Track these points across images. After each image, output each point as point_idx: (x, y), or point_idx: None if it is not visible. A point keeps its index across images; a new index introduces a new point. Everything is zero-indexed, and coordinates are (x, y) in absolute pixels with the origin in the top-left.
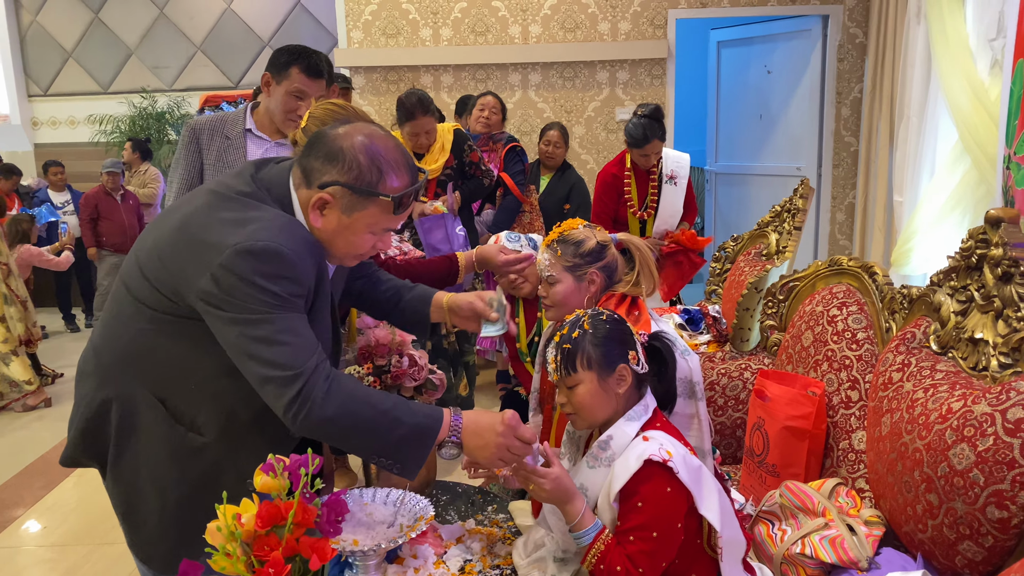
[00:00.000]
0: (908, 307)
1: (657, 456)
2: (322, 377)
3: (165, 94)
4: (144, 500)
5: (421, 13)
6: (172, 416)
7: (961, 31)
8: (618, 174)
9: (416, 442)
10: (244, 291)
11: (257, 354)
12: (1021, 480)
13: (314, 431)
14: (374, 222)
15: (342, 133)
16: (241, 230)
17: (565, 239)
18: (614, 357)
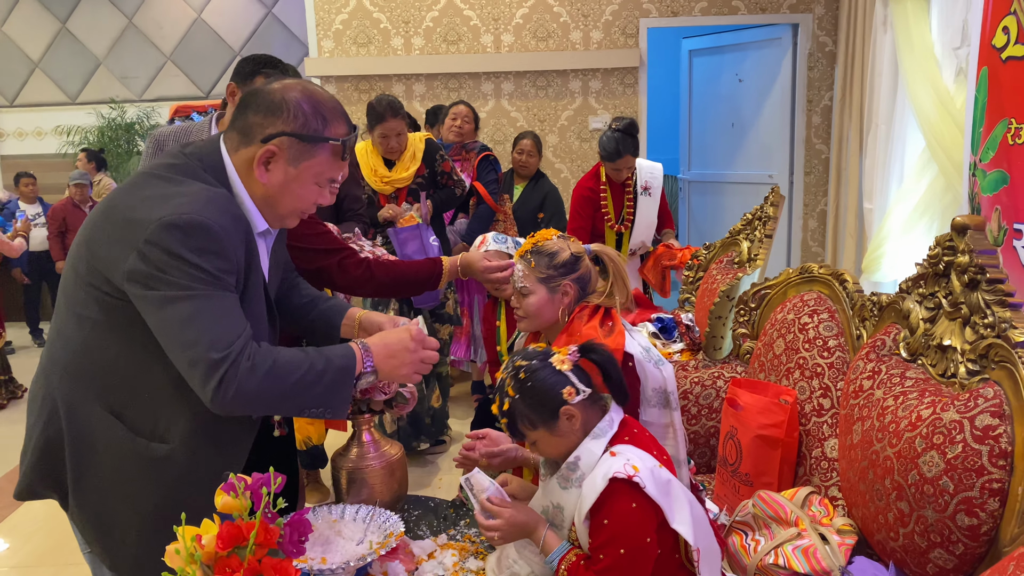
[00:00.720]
0: (878, 314)
1: (622, 473)
2: (245, 357)
3: (134, 104)
4: (118, 520)
5: (392, 22)
6: (131, 430)
7: (927, 39)
8: (594, 187)
9: (340, 385)
10: (171, 266)
11: (183, 337)
12: (990, 487)
13: (242, 410)
14: (321, 171)
15: (278, 87)
16: (166, 204)
17: (539, 250)
18: (551, 406)
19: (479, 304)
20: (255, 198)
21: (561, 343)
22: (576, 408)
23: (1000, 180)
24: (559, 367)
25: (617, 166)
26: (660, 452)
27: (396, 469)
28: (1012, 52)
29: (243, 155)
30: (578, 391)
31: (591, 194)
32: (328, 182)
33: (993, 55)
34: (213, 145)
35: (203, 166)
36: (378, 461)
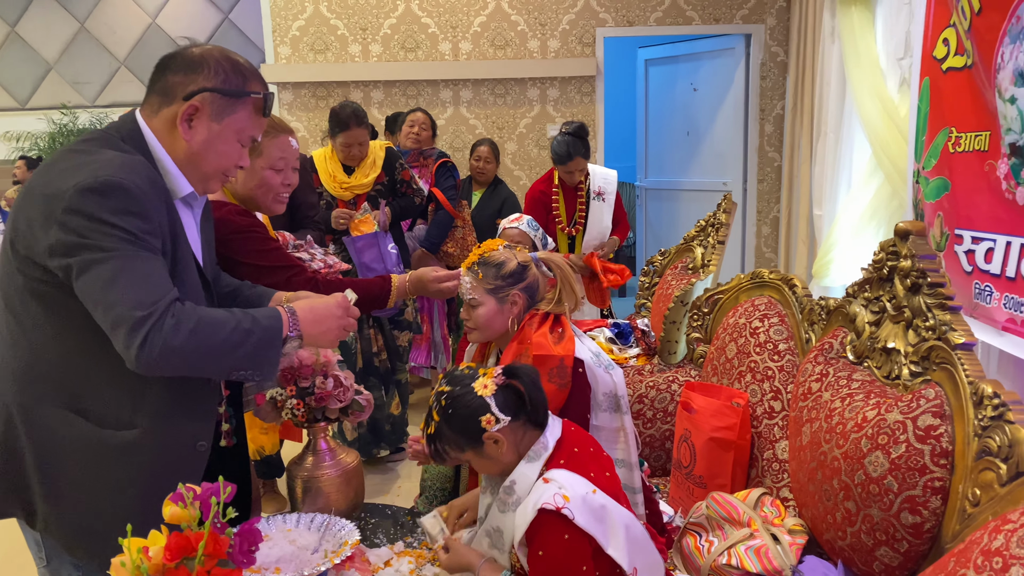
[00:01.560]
0: (826, 318)
1: (551, 504)
2: (169, 315)
3: (87, 110)
4: (103, 519)
5: (350, 29)
6: (96, 423)
7: (872, 50)
8: (546, 190)
9: (268, 346)
10: (92, 230)
11: (106, 298)
12: (932, 486)
13: (168, 369)
14: (243, 127)
15: (196, 49)
16: (80, 171)
17: (486, 261)
18: (474, 431)
19: (439, 310)
20: (178, 160)
21: (511, 351)
22: (500, 433)
23: (942, 187)
24: (480, 392)
25: (568, 168)
26: (601, 470)
27: (352, 477)
28: (952, 63)
29: (164, 116)
30: (497, 419)
31: (542, 197)
32: (250, 140)
33: (934, 66)
34: (128, 116)
35: (120, 136)
36: (334, 469)
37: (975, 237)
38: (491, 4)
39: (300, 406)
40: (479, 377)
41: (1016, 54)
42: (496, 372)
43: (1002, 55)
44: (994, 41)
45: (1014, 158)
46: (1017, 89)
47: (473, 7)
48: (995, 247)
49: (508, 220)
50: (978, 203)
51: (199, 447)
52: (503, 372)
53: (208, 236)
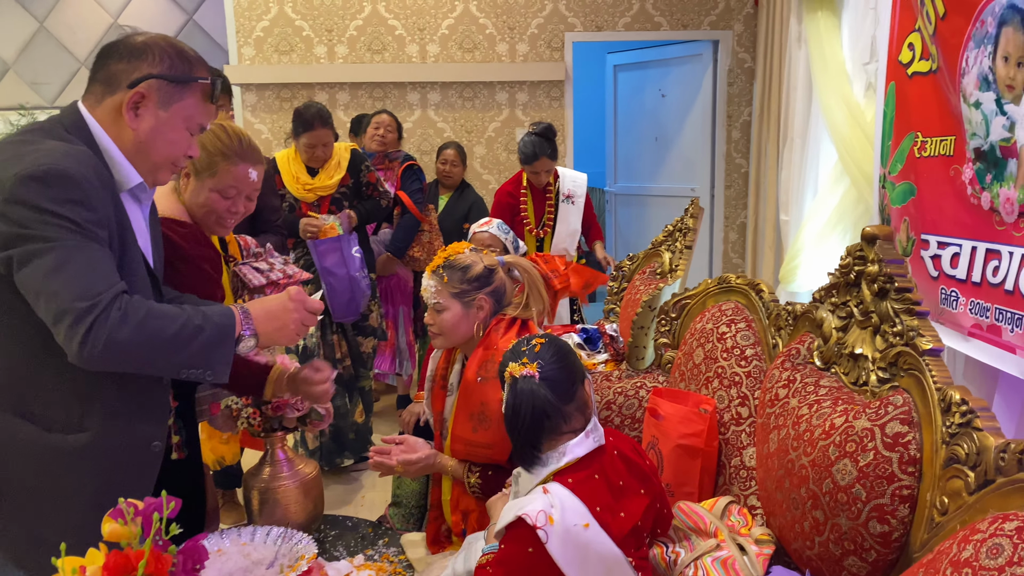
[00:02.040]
0: (793, 323)
1: (531, 518)
2: (115, 307)
3: (46, 111)
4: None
5: (315, 30)
6: (44, 428)
7: (838, 55)
8: (514, 192)
9: (220, 343)
10: (34, 220)
11: (48, 288)
12: (900, 494)
13: (113, 364)
14: (191, 114)
15: (139, 36)
16: (20, 161)
17: (451, 264)
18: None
19: (404, 316)
20: (125, 149)
21: (477, 357)
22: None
23: (908, 192)
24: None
25: (535, 168)
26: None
27: (311, 488)
28: (917, 68)
29: (108, 105)
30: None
31: (510, 199)
32: (198, 127)
33: (900, 71)
34: (71, 107)
35: (64, 127)
36: (292, 480)
37: (941, 242)
38: (459, 7)
39: (256, 415)
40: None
41: (980, 58)
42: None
43: (967, 59)
44: (959, 45)
45: (979, 163)
46: (981, 93)
47: (441, 9)
48: (961, 252)
49: (478, 224)
50: (944, 208)
51: (153, 448)
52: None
53: (156, 235)
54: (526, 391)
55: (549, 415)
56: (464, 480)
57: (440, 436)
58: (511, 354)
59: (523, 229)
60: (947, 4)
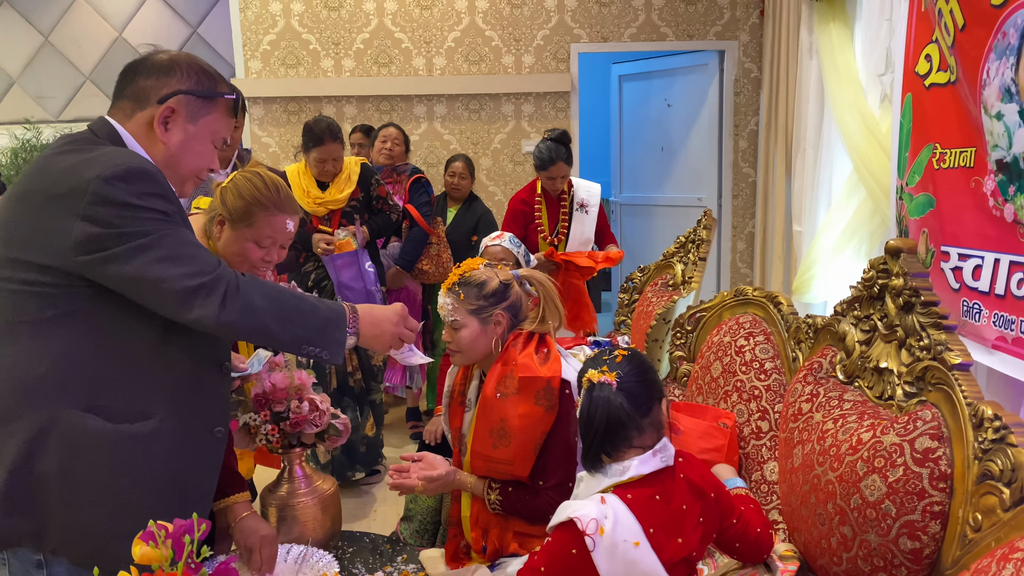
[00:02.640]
0: (814, 337)
1: (582, 523)
2: (239, 277)
3: (51, 125)
4: (125, 513)
5: (322, 43)
6: (109, 419)
7: (851, 66)
8: (528, 200)
9: (335, 324)
10: (127, 217)
11: (167, 273)
12: (931, 510)
13: (248, 324)
14: (216, 128)
15: (163, 54)
16: (92, 165)
17: (467, 281)
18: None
19: None
20: (157, 162)
21: (496, 373)
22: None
23: (927, 203)
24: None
25: (551, 174)
26: (672, 534)
27: (329, 505)
28: (935, 79)
29: (139, 120)
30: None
31: (524, 207)
32: (221, 141)
33: (916, 82)
34: (101, 121)
35: (100, 138)
36: (310, 497)
37: (962, 254)
38: (465, 19)
39: (275, 431)
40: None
41: (1002, 70)
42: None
43: (988, 71)
44: (979, 57)
45: (1001, 174)
46: (1004, 105)
47: (447, 22)
48: (983, 264)
49: (490, 238)
50: (964, 220)
51: (216, 433)
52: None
53: None
54: (601, 398)
55: (623, 424)
56: (484, 497)
57: (459, 452)
58: (591, 362)
59: (537, 236)
60: (967, 16)
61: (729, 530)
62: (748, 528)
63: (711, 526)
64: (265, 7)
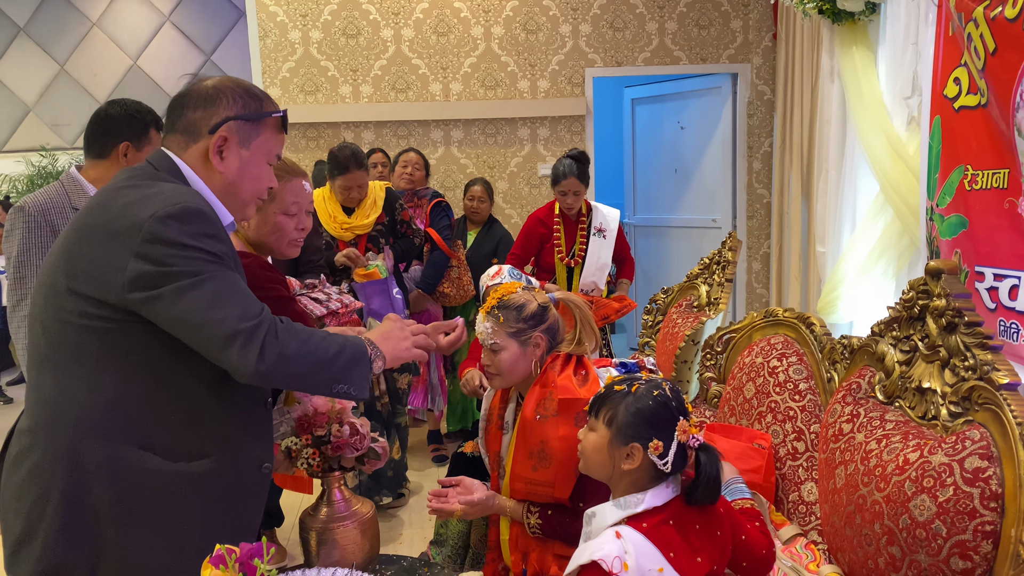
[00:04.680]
0: (849, 357)
1: (607, 564)
2: (278, 325)
3: (66, 152)
4: (174, 550)
5: (340, 70)
6: (165, 457)
7: (876, 90)
8: (545, 220)
9: (359, 362)
10: (178, 256)
11: (213, 316)
12: (983, 530)
13: (283, 373)
14: (269, 148)
15: (205, 82)
16: (150, 203)
17: (506, 304)
18: (634, 433)
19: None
20: (216, 191)
21: (535, 395)
22: (641, 458)
23: (959, 224)
24: (680, 429)
25: (563, 188)
26: (692, 554)
27: (368, 528)
28: (964, 102)
29: (194, 152)
30: (664, 454)
31: (538, 226)
32: (276, 158)
33: (945, 104)
34: (161, 154)
35: (159, 172)
36: (350, 521)
37: (997, 274)
38: (481, 45)
39: (316, 455)
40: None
41: None
42: (696, 435)
43: (1021, 94)
44: (1011, 80)
45: None
46: None
47: (463, 48)
48: (1020, 284)
49: (487, 276)
50: (999, 240)
51: (264, 469)
52: (702, 443)
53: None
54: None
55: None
56: (524, 521)
57: (497, 476)
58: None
59: (554, 256)
60: (998, 40)
61: (738, 547)
62: (755, 547)
63: (726, 539)
64: (284, 35)
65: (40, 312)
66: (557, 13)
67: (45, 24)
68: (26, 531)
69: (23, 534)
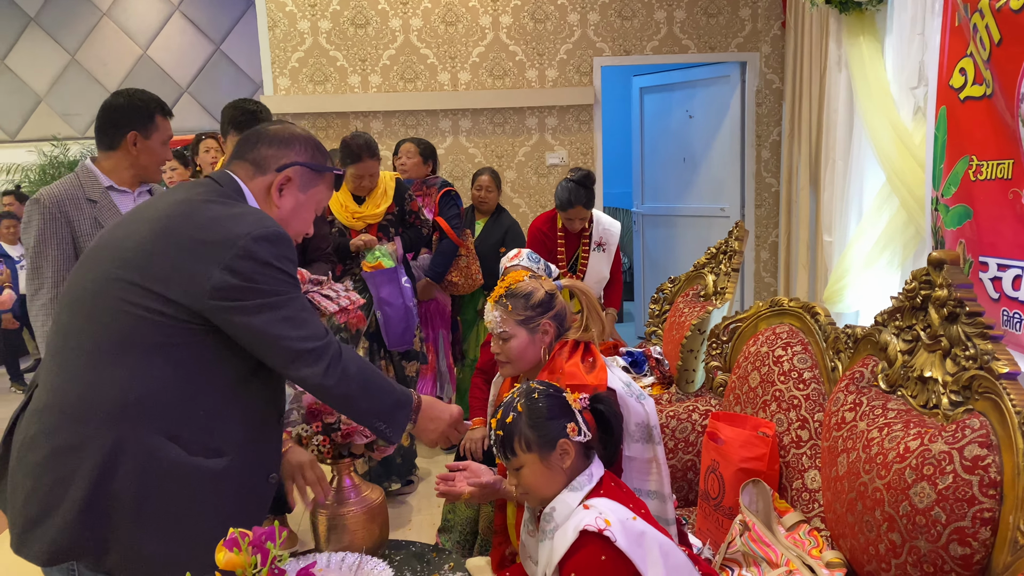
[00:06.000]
0: (853, 347)
1: (593, 526)
2: (342, 346)
3: (77, 142)
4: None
5: (349, 60)
6: (186, 450)
7: (883, 80)
8: (548, 232)
9: (403, 407)
10: (264, 275)
11: (288, 333)
12: (982, 516)
13: (346, 389)
14: (321, 198)
15: (282, 126)
16: (242, 221)
17: (514, 293)
18: (552, 434)
19: (443, 340)
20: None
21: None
22: (572, 447)
23: (963, 215)
24: (571, 403)
25: (569, 216)
26: (637, 506)
27: (377, 514)
28: (970, 92)
29: (259, 183)
30: (580, 431)
31: (543, 237)
32: (321, 210)
33: (951, 95)
34: (228, 176)
35: (228, 193)
36: (359, 506)
37: (1001, 264)
38: (489, 35)
39: (326, 442)
40: (567, 393)
41: None
42: (581, 396)
43: None
44: (1016, 72)
45: None
46: None
47: (471, 38)
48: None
49: (508, 259)
50: (1003, 230)
51: (271, 479)
52: (589, 398)
53: None
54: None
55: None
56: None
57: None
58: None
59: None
60: (1003, 31)
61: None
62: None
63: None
64: (293, 25)
65: (86, 297)
66: (565, 2)
67: (55, 14)
68: (42, 512)
69: (38, 515)
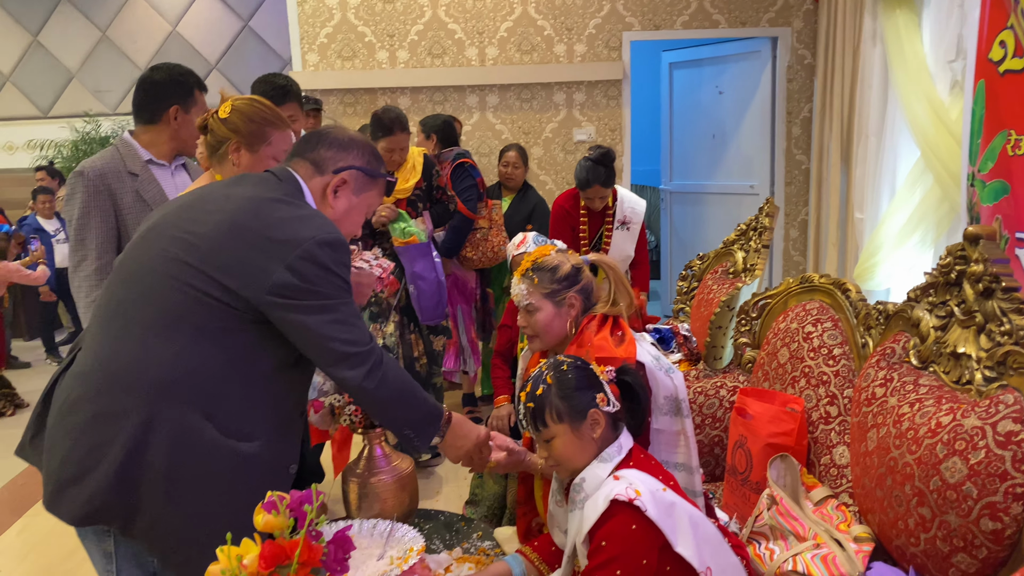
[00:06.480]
0: (884, 323)
1: (623, 496)
2: (385, 354)
3: (109, 118)
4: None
5: (377, 36)
6: (220, 431)
7: (919, 53)
8: (571, 210)
9: (433, 420)
10: (323, 279)
11: (337, 335)
12: (1013, 492)
13: (386, 394)
14: (371, 203)
15: (341, 130)
16: (308, 224)
17: (540, 266)
18: (583, 404)
19: (463, 314)
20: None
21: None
22: (602, 417)
23: (1001, 190)
24: (599, 375)
25: (588, 195)
26: (666, 478)
27: (407, 483)
28: (1010, 65)
29: (316, 183)
30: (609, 402)
31: (566, 215)
32: (372, 214)
33: (990, 68)
34: (289, 175)
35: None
36: (389, 475)
37: None
38: (518, 9)
39: (358, 412)
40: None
41: None
42: (608, 368)
43: None
44: None
45: None
46: None
47: (499, 12)
48: None
49: (513, 245)
50: None
51: (290, 470)
52: (615, 371)
53: None
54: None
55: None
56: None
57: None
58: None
59: (579, 244)
60: None
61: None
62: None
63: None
64: (322, 1)
65: (144, 273)
66: None
67: None
68: (77, 474)
69: (73, 476)
